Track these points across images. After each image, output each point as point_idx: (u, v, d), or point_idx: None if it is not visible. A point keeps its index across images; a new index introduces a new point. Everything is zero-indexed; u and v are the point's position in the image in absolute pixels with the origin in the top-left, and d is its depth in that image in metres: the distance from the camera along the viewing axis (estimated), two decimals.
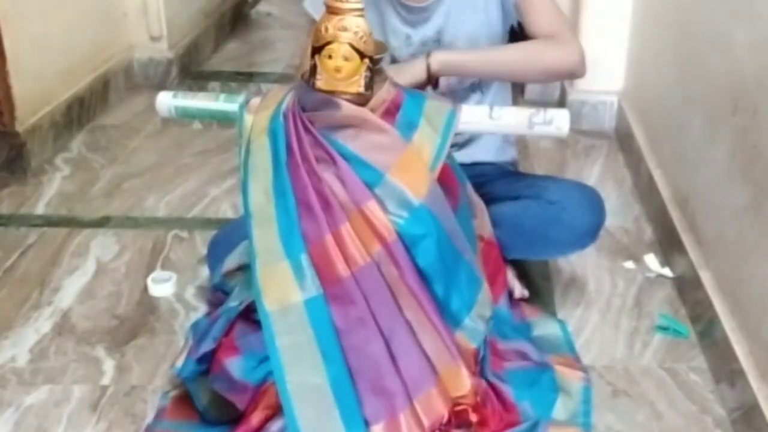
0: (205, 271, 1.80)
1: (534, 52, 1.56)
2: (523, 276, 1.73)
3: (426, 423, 1.26)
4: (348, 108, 1.27)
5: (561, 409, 1.41)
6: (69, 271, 1.85)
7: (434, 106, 1.36)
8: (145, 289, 1.78)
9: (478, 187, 1.70)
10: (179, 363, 1.41)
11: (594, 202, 1.62)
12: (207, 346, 1.35)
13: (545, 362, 1.49)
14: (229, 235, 1.61)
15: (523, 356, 1.49)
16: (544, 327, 1.62)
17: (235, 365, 1.32)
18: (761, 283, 1.40)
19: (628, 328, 1.67)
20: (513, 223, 1.60)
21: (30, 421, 1.43)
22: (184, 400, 1.42)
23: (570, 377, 1.48)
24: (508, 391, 1.39)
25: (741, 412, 1.39)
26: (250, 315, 1.35)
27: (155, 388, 1.49)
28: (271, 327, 1.27)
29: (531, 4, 1.57)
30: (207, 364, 1.36)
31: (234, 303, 1.39)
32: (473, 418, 1.30)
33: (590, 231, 1.62)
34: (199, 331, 1.41)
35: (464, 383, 1.29)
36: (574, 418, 1.40)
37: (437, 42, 1.61)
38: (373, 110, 1.29)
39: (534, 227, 1.59)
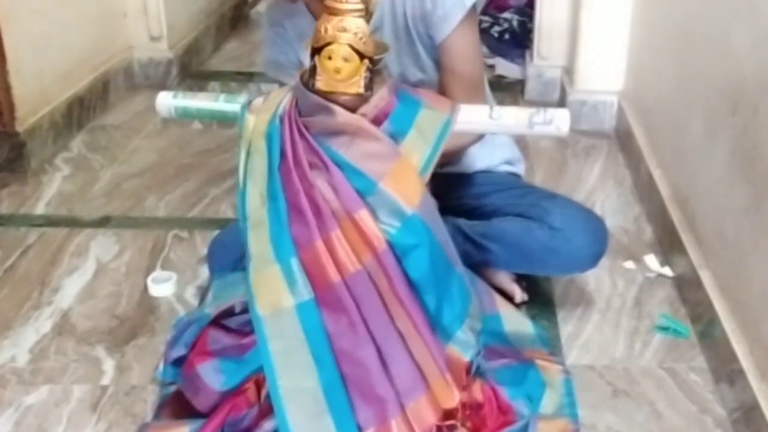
0: (205, 271, 1.80)
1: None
2: (523, 277, 1.73)
3: (417, 431, 1.25)
4: (343, 115, 1.26)
5: (548, 402, 1.42)
6: (69, 271, 1.86)
7: (429, 116, 1.34)
8: (145, 289, 1.78)
9: (479, 198, 1.71)
10: (162, 366, 1.44)
11: (596, 231, 1.62)
12: (178, 352, 1.39)
13: (525, 358, 1.49)
14: (230, 235, 1.61)
15: (501, 354, 1.48)
16: (515, 323, 1.61)
17: (208, 369, 1.34)
18: (761, 283, 1.40)
19: (628, 328, 1.67)
20: (513, 243, 1.61)
21: (30, 421, 1.43)
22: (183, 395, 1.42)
23: (551, 371, 1.48)
24: (503, 391, 1.38)
25: (741, 412, 1.39)
26: (221, 321, 1.38)
27: (155, 388, 1.49)
28: (264, 331, 1.27)
29: (456, 55, 1.55)
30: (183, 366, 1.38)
31: (208, 310, 1.40)
32: (463, 431, 1.30)
33: (590, 260, 1.63)
34: (171, 337, 1.44)
35: (452, 397, 1.28)
36: (560, 410, 1.41)
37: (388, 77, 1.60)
38: (364, 115, 1.28)
39: (534, 251, 1.60)
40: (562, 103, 2.67)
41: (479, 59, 1.63)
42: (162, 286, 1.76)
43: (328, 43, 1.23)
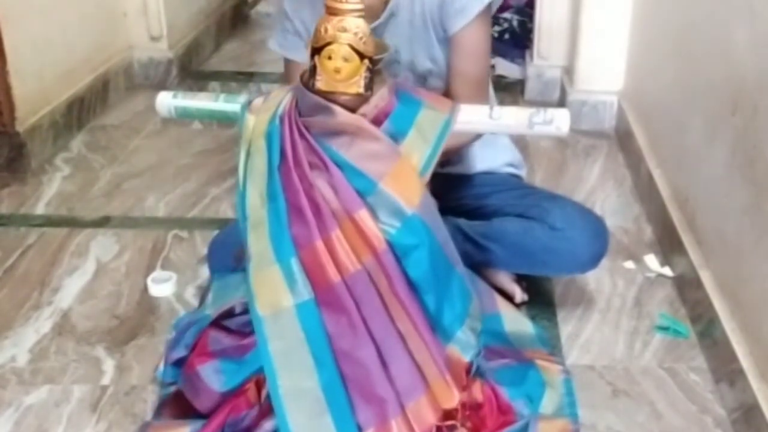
0: (205, 271, 1.80)
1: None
2: (523, 277, 1.73)
3: (417, 431, 1.25)
4: (343, 115, 1.26)
5: (548, 403, 1.42)
6: (69, 271, 1.85)
7: (429, 116, 1.33)
8: (145, 289, 1.78)
9: (480, 198, 1.71)
10: (162, 367, 1.45)
11: (597, 232, 1.62)
12: (179, 353, 1.40)
13: (525, 358, 1.49)
14: (230, 236, 1.61)
15: (501, 354, 1.48)
16: (515, 323, 1.62)
17: (208, 369, 1.34)
18: (761, 283, 1.40)
19: (628, 328, 1.67)
20: (514, 243, 1.61)
21: (30, 421, 1.43)
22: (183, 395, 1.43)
23: (551, 371, 1.48)
24: (503, 391, 1.39)
25: (741, 412, 1.39)
26: (222, 322, 1.38)
27: (155, 388, 1.49)
28: (264, 331, 1.27)
29: (465, 51, 1.56)
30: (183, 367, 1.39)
31: (208, 311, 1.41)
32: (463, 431, 1.30)
33: (591, 261, 1.63)
34: (172, 339, 1.45)
35: (452, 397, 1.27)
36: (560, 410, 1.41)
37: (397, 63, 1.61)
38: (364, 115, 1.28)
39: (535, 251, 1.61)
40: (562, 103, 2.67)
41: (487, 58, 1.63)
42: (162, 286, 1.76)
43: (328, 43, 1.23)
